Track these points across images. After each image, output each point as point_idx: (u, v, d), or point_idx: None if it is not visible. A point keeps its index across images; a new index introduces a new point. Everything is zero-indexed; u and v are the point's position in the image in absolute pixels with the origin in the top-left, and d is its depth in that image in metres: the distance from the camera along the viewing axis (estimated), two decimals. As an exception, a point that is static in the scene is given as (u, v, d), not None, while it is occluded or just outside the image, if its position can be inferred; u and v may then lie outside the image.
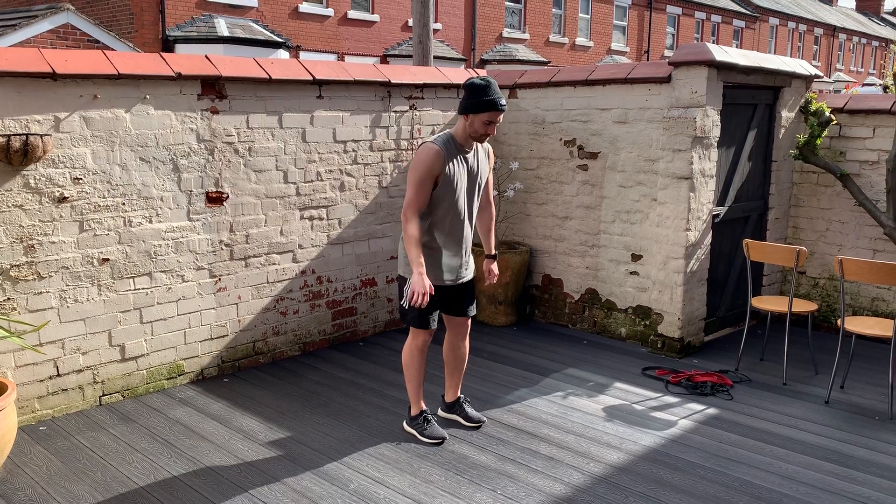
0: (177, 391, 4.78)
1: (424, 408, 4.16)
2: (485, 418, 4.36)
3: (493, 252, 4.27)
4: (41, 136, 3.91)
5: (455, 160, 3.82)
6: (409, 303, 3.68)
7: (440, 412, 4.41)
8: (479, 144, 3.96)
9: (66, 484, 3.59)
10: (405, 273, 3.93)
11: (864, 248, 6.05)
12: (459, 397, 4.36)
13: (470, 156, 3.91)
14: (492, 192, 4.23)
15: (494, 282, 4.29)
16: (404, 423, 4.23)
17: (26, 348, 4.14)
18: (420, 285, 3.68)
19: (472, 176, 3.93)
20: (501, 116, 3.78)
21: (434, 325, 4.03)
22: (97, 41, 12.91)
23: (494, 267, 4.27)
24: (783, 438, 4.20)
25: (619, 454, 3.99)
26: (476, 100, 3.70)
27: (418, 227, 3.75)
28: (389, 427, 4.27)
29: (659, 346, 5.62)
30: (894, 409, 4.61)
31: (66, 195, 4.23)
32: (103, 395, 4.55)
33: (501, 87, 6.43)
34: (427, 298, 3.68)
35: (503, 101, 3.74)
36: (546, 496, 3.54)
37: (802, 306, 5.23)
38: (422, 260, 3.73)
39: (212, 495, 3.50)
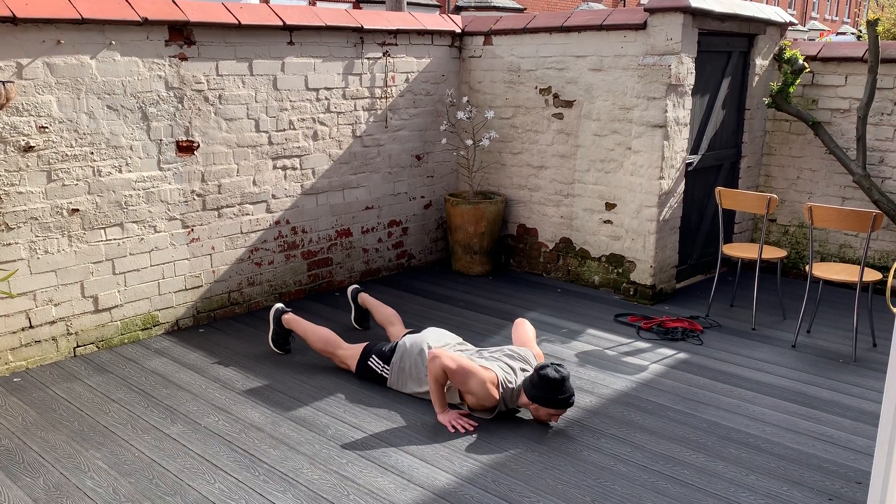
0: (152, 342, 4.77)
1: (293, 331, 4.53)
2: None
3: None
4: (4, 82, 3.79)
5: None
6: (455, 430, 3.69)
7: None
8: None
9: (42, 434, 3.59)
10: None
11: (834, 196, 6.14)
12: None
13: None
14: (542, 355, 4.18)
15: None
16: (272, 315, 4.60)
17: (0, 294, 4.10)
18: (450, 416, 3.74)
19: None
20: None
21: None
22: (59, -15, 12.46)
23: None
24: (751, 381, 4.31)
25: (592, 398, 4.07)
26: (548, 396, 3.60)
27: (444, 377, 3.73)
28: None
29: (631, 293, 5.70)
30: (858, 353, 4.74)
31: (32, 144, 4.14)
32: (77, 346, 4.53)
33: (476, 34, 6.35)
34: (466, 421, 3.72)
35: (573, 399, 3.65)
36: (520, 438, 3.62)
37: (772, 253, 5.32)
38: (445, 401, 3.79)
39: (190, 443, 3.53)
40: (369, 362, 4.18)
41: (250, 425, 3.71)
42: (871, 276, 4.74)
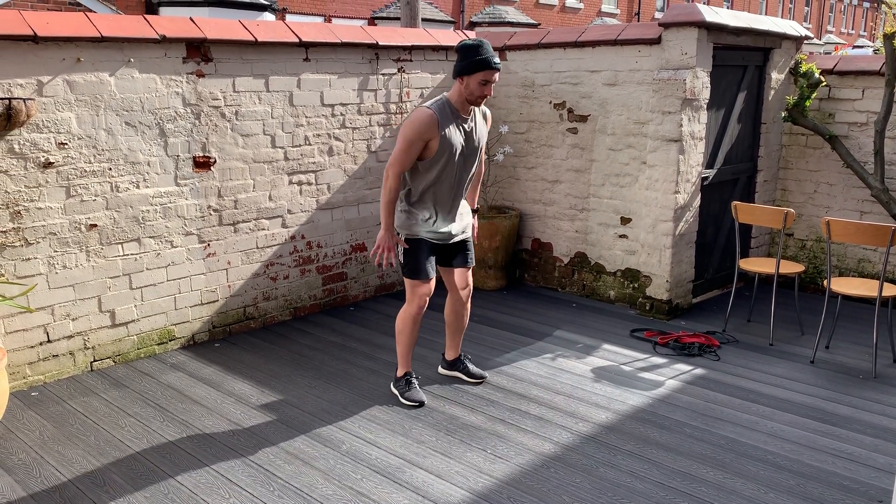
0: (168, 356, 4.79)
1: (409, 370, 4.20)
2: (486, 374, 4.43)
3: (475, 207, 4.32)
4: (24, 100, 3.85)
5: (451, 126, 3.79)
6: (374, 260, 3.71)
7: (441, 370, 4.49)
8: (476, 109, 3.93)
9: (59, 448, 3.61)
10: (399, 229, 3.98)
11: (852, 210, 6.09)
12: (460, 354, 4.43)
13: (468, 121, 3.87)
14: (483, 154, 4.18)
15: (475, 237, 4.30)
16: (391, 384, 4.28)
17: (19, 308, 4.14)
18: (385, 240, 3.81)
19: (470, 141, 3.90)
20: (497, 75, 3.74)
21: (430, 276, 3.97)
22: (79, 4, 12.68)
23: (475, 222, 4.29)
24: (769, 397, 4.26)
25: (608, 414, 4.04)
26: (469, 60, 3.66)
27: (397, 188, 3.79)
28: (380, 389, 4.31)
29: (647, 308, 5.66)
30: (878, 368, 4.69)
31: (52, 160, 4.19)
32: (94, 360, 4.56)
33: (490, 50, 6.37)
34: (392, 255, 3.81)
35: (497, 59, 3.70)
36: (535, 455, 3.59)
37: (789, 268, 5.27)
38: (391, 221, 3.83)
39: (205, 458, 3.53)
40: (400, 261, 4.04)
41: (265, 440, 3.71)
42: (891, 290, 4.69)
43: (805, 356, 4.88)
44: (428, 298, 4.02)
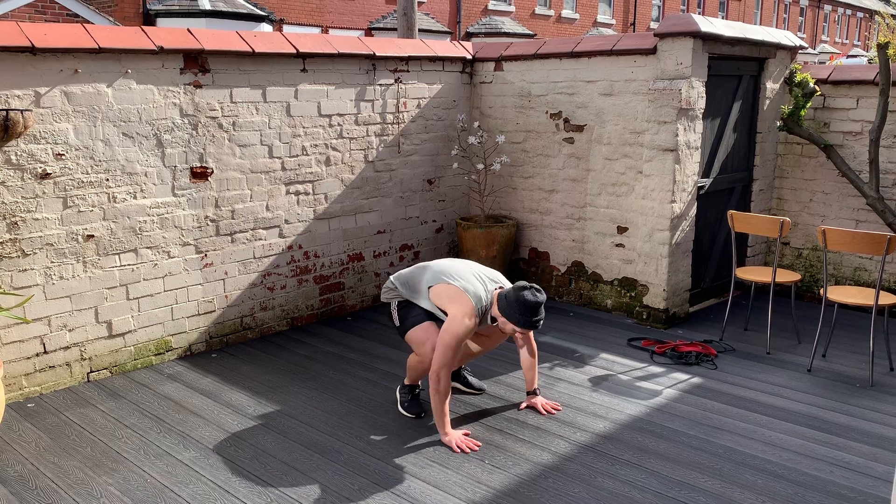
0: (165, 367, 4.78)
1: (418, 384, 4.20)
2: (485, 385, 4.42)
3: (535, 387, 4.23)
4: (22, 111, 3.85)
5: (480, 324, 3.88)
6: (461, 451, 3.73)
7: None
8: None
9: (55, 459, 3.60)
10: (390, 298, 4.08)
11: (847, 219, 6.11)
12: (460, 366, 4.43)
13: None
14: (533, 338, 4.20)
15: (552, 412, 4.17)
16: (398, 388, 4.29)
17: (15, 319, 4.13)
18: (454, 437, 3.77)
19: (489, 325, 3.99)
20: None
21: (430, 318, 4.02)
22: (76, 15, 12.72)
23: (539, 401, 4.19)
24: (766, 406, 4.27)
25: (605, 423, 4.04)
26: (519, 315, 3.71)
27: (449, 387, 3.78)
28: (378, 399, 4.31)
29: (644, 317, 5.67)
30: (874, 377, 4.69)
31: (49, 171, 4.19)
32: (91, 371, 4.55)
33: (487, 60, 6.41)
34: (470, 441, 3.77)
35: (541, 322, 3.76)
36: (533, 465, 3.59)
37: (786, 276, 5.28)
38: (448, 419, 3.81)
39: (202, 469, 3.52)
40: (398, 319, 4.10)
41: (262, 451, 3.70)
42: (887, 299, 4.70)
43: (802, 365, 4.89)
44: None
